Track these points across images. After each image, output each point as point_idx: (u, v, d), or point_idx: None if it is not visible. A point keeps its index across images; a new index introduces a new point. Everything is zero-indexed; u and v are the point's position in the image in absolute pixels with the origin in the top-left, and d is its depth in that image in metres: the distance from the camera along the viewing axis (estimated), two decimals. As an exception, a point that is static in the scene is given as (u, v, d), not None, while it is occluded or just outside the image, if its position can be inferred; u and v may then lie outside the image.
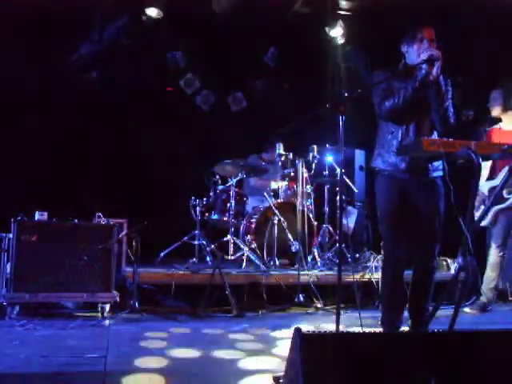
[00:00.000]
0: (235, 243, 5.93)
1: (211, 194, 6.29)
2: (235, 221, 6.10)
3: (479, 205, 5.00)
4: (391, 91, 3.58)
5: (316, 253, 6.10)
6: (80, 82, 6.89)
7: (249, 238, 5.99)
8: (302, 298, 5.01)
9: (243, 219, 6.25)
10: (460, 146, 3.08)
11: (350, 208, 6.70)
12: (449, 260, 5.91)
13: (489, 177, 5.01)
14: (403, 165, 3.56)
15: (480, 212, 4.94)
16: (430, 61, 3.42)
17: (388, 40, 4.25)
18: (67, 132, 6.68)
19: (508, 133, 4.96)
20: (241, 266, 5.71)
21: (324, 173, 6.47)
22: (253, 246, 5.86)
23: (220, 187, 6.31)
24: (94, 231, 4.58)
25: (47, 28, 6.37)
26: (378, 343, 2.15)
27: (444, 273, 5.77)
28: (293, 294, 5.02)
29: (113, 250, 4.56)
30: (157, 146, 7.08)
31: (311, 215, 6.14)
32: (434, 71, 3.44)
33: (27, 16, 6.21)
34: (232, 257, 5.89)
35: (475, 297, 5.23)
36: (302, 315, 4.83)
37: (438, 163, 3.60)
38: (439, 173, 3.63)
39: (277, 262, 5.73)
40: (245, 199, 6.50)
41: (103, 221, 4.71)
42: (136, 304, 4.52)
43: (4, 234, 4.48)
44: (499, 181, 4.80)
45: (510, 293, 5.70)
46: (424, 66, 3.45)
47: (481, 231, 5.40)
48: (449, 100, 3.55)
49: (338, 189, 5.87)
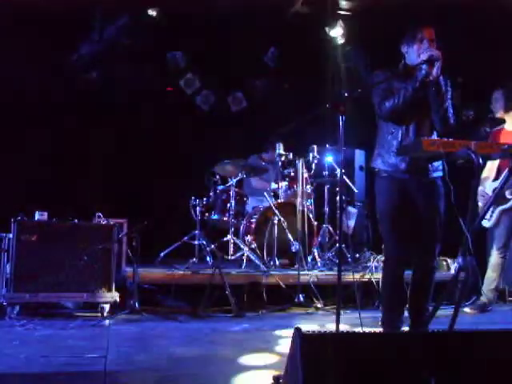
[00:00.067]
0: (235, 243, 5.93)
1: (211, 194, 6.29)
2: (235, 221, 6.10)
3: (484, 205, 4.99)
4: (391, 91, 3.57)
5: (316, 253, 6.10)
6: (80, 82, 6.89)
7: (249, 238, 5.99)
8: (302, 298, 5.01)
9: (243, 219, 6.25)
10: (460, 146, 3.08)
11: (350, 208, 6.70)
12: (449, 260, 5.91)
13: (495, 177, 5.00)
14: (403, 165, 3.56)
15: (487, 213, 4.93)
16: (430, 61, 3.41)
17: (388, 40, 4.25)
18: (67, 132, 6.69)
19: (511, 133, 4.96)
20: (241, 266, 5.71)
21: (324, 173, 6.47)
22: (253, 246, 5.86)
23: (220, 187, 6.31)
24: (94, 231, 4.58)
25: (47, 28, 6.37)
26: (378, 343, 2.15)
27: (444, 273, 5.77)
28: (293, 294, 5.02)
29: (113, 250, 4.56)
30: (157, 146, 7.08)
31: (311, 215, 6.14)
32: (434, 71, 3.43)
33: (27, 16, 6.21)
34: (232, 257, 5.89)
35: (475, 297, 5.23)
36: (302, 315, 4.83)
37: (438, 163, 3.60)
38: (439, 173, 3.63)
39: (277, 262, 5.73)
40: (245, 199, 6.49)
41: (103, 221, 4.72)
42: (136, 304, 4.52)
43: (4, 234, 4.48)
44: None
45: (508, 293, 5.70)
46: (424, 67, 3.44)
47: (481, 231, 5.40)
48: (449, 100, 3.55)
49: (338, 189, 5.87)
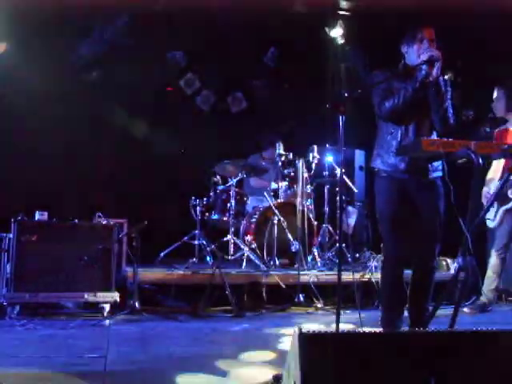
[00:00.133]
0: (235, 243, 5.93)
1: (211, 194, 6.29)
2: (235, 221, 6.10)
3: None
4: (391, 91, 3.58)
5: (316, 253, 6.10)
6: (80, 82, 6.89)
7: (249, 238, 5.99)
8: (302, 298, 5.01)
9: (243, 219, 6.25)
10: (460, 146, 3.08)
11: (350, 208, 6.70)
12: (449, 260, 5.91)
13: (500, 178, 4.99)
14: (403, 165, 3.56)
15: (490, 213, 4.93)
16: (430, 61, 3.41)
17: (387, 40, 4.25)
18: (67, 132, 6.68)
19: None
20: (241, 266, 5.71)
21: (324, 173, 6.47)
22: (253, 246, 5.86)
23: (220, 187, 6.31)
24: (94, 231, 4.58)
25: (47, 27, 6.38)
26: (378, 343, 2.15)
27: (444, 273, 5.77)
28: (293, 294, 5.02)
29: (113, 250, 4.56)
30: (157, 146, 7.08)
31: (311, 215, 6.14)
32: (434, 72, 3.43)
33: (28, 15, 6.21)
34: (232, 257, 5.89)
35: (475, 297, 5.23)
36: (302, 315, 4.83)
37: (438, 163, 3.60)
38: (439, 173, 3.63)
39: (277, 262, 5.73)
40: (245, 199, 6.49)
41: (103, 221, 4.71)
42: (136, 304, 4.52)
43: (4, 234, 4.48)
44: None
45: (508, 294, 5.69)
46: (424, 67, 3.45)
47: (481, 232, 5.40)
48: (448, 100, 3.55)
49: (338, 189, 5.87)
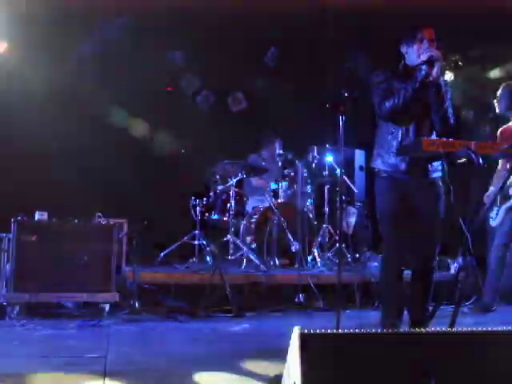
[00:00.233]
0: (235, 243, 5.93)
1: (211, 194, 6.29)
2: (235, 221, 6.10)
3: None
4: (391, 91, 3.58)
5: (316, 253, 6.10)
6: (80, 82, 6.88)
7: (249, 238, 5.99)
8: (302, 298, 5.01)
9: (243, 219, 6.25)
10: (460, 146, 3.09)
11: (350, 208, 6.70)
12: (449, 260, 5.91)
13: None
14: (403, 165, 3.56)
15: (492, 212, 4.93)
16: (430, 61, 3.42)
17: (388, 40, 4.24)
18: (67, 132, 6.68)
19: None
20: (241, 266, 5.71)
21: (324, 173, 6.47)
22: (253, 246, 5.86)
23: (220, 187, 6.31)
24: (94, 231, 4.58)
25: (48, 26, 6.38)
26: (378, 343, 2.15)
27: (444, 273, 5.77)
28: (293, 294, 5.02)
29: (113, 250, 4.56)
30: (157, 146, 7.08)
31: (311, 215, 6.14)
32: (434, 72, 3.44)
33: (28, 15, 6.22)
34: (232, 257, 5.89)
35: (475, 297, 5.23)
36: (302, 315, 4.83)
37: (438, 164, 3.60)
38: (439, 173, 3.63)
39: (277, 262, 5.73)
40: (245, 199, 6.50)
41: (103, 221, 4.71)
42: (136, 304, 4.52)
43: (4, 234, 4.48)
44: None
45: (508, 294, 5.68)
46: (424, 67, 3.45)
47: (481, 231, 5.40)
48: (448, 100, 3.55)
49: (338, 189, 5.87)
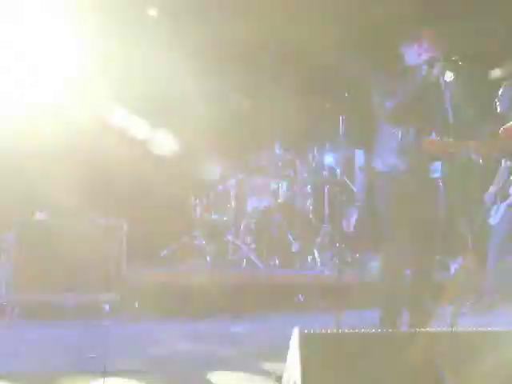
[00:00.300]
0: (235, 243, 5.93)
1: (211, 194, 6.29)
2: (235, 221, 6.10)
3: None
4: (391, 92, 3.58)
5: (316, 253, 6.10)
6: (80, 82, 6.89)
7: (249, 238, 5.99)
8: (302, 298, 5.01)
9: (243, 219, 6.25)
10: (460, 146, 3.09)
11: (350, 208, 6.70)
12: (449, 260, 5.91)
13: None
14: (403, 165, 3.56)
15: (492, 210, 4.94)
16: (430, 61, 3.42)
17: (388, 40, 4.25)
18: (67, 131, 6.67)
19: None
20: (241, 266, 5.71)
21: (324, 173, 6.47)
22: (253, 246, 5.86)
23: (220, 187, 6.31)
24: (94, 231, 4.58)
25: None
26: (378, 343, 2.16)
27: (444, 273, 5.77)
28: (293, 294, 5.02)
29: (113, 250, 4.56)
30: (156, 146, 7.07)
31: (311, 215, 6.14)
32: (434, 72, 3.44)
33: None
34: (232, 257, 5.89)
35: (475, 297, 5.23)
36: (302, 315, 4.83)
37: (438, 163, 3.60)
38: (439, 173, 3.63)
39: (277, 262, 5.73)
40: (245, 199, 6.49)
41: (103, 221, 4.71)
42: (136, 304, 4.52)
43: (4, 234, 4.48)
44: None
45: (508, 293, 5.69)
46: (424, 67, 3.45)
47: (482, 231, 5.40)
48: (448, 100, 3.55)
49: (338, 189, 5.88)
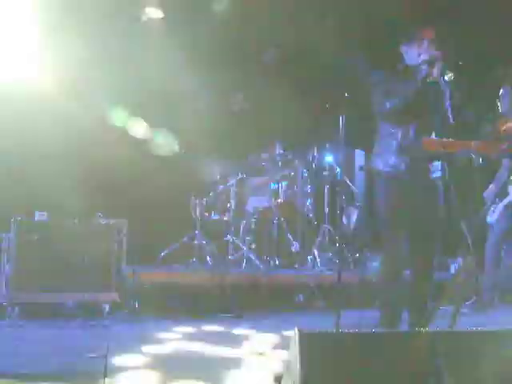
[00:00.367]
0: (235, 243, 5.93)
1: (211, 194, 6.30)
2: (235, 221, 6.10)
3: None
4: (391, 91, 3.58)
5: (316, 253, 6.10)
6: (80, 81, 6.89)
7: (249, 238, 5.99)
8: (302, 298, 5.01)
9: (243, 219, 6.26)
10: (460, 146, 3.09)
11: (350, 208, 6.70)
12: (449, 260, 5.91)
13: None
14: (403, 165, 3.56)
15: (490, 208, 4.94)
16: (430, 61, 3.42)
17: (387, 40, 4.24)
18: (67, 131, 6.67)
19: None
20: (241, 266, 5.71)
21: (324, 173, 6.47)
22: (253, 246, 5.86)
23: (220, 187, 6.31)
24: (94, 231, 4.58)
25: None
26: (378, 343, 2.15)
27: (444, 273, 5.77)
28: (293, 294, 5.02)
29: (113, 250, 4.56)
30: (156, 146, 7.07)
31: (311, 215, 6.14)
32: (434, 72, 3.44)
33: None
34: (232, 257, 5.89)
35: (475, 297, 5.22)
36: (302, 315, 4.83)
37: (438, 164, 3.60)
38: (439, 173, 3.63)
39: (277, 262, 5.73)
40: (245, 199, 6.50)
41: (103, 221, 4.71)
42: (136, 304, 4.52)
43: (4, 234, 4.48)
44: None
45: (508, 293, 5.68)
46: (424, 67, 3.45)
47: (482, 231, 5.39)
48: (448, 100, 3.55)
49: (338, 189, 5.88)
